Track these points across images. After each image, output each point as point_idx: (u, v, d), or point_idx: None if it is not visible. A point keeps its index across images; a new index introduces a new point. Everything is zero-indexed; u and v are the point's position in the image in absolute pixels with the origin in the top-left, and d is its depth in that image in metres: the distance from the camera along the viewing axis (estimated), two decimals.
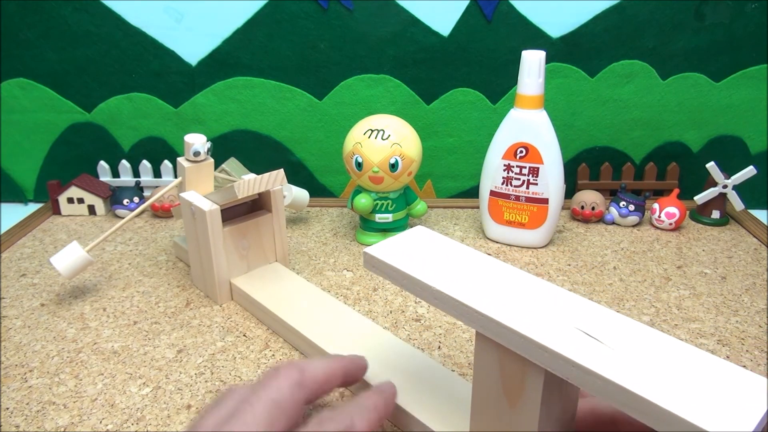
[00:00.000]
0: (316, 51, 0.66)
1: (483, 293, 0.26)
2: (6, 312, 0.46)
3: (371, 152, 0.52)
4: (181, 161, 0.48)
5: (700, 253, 0.56)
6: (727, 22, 0.63)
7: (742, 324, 0.45)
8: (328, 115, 0.68)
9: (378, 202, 0.56)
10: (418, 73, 0.66)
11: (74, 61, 0.66)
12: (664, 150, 0.69)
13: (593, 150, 0.70)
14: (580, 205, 0.62)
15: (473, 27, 0.64)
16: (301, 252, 0.56)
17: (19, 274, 0.52)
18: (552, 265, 0.54)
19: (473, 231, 0.62)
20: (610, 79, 0.66)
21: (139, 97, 0.68)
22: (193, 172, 0.48)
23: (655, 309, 0.47)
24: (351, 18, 0.64)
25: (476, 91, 0.67)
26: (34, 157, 0.71)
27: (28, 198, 0.73)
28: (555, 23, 0.64)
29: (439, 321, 0.45)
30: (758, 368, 0.39)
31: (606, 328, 0.24)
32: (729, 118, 0.67)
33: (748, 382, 0.20)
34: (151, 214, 0.65)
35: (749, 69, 0.65)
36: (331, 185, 0.72)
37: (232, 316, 0.46)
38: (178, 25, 0.65)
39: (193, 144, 0.47)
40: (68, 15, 0.64)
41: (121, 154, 0.71)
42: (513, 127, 0.54)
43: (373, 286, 0.50)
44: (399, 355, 0.37)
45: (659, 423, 0.20)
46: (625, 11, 0.63)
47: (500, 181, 0.56)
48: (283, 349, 0.41)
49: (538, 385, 0.24)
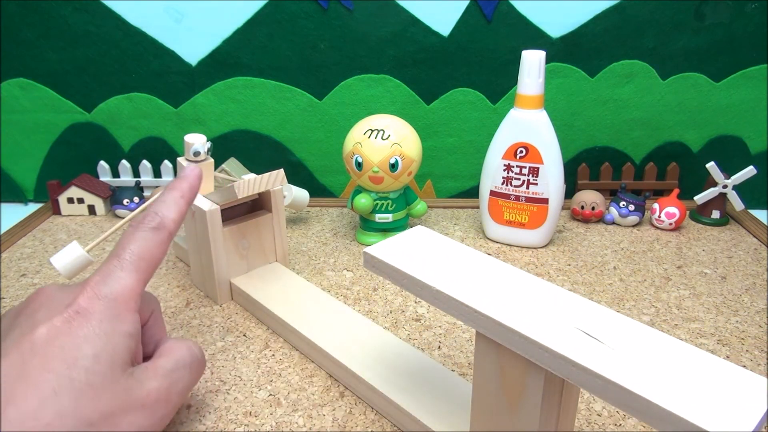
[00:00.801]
0: (316, 51, 0.66)
1: (483, 293, 0.26)
2: (6, 312, 0.46)
3: (371, 152, 0.52)
4: (181, 161, 0.48)
5: (700, 253, 0.56)
6: (727, 22, 0.63)
7: (742, 324, 0.45)
8: (328, 115, 0.68)
9: (378, 202, 0.56)
10: (418, 73, 0.66)
11: (74, 61, 0.66)
12: (664, 150, 0.69)
13: (593, 150, 0.70)
14: (580, 205, 0.62)
15: (473, 27, 0.64)
16: (301, 252, 0.57)
17: (19, 274, 0.52)
18: (552, 265, 0.54)
19: (473, 231, 0.62)
20: (610, 79, 0.66)
21: (139, 97, 0.68)
22: None
23: (655, 309, 0.47)
24: (351, 18, 0.64)
25: (476, 91, 0.67)
26: (34, 157, 0.71)
27: (28, 198, 0.73)
28: (555, 23, 0.64)
29: (439, 321, 0.45)
30: (758, 368, 0.40)
31: (606, 328, 0.24)
32: (729, 118, 0.67)
33: (748, 382, 0.20)
34: None
35: (749, 69, 0.65)
36: (331, 185, 0.73)
37: (232, 316, 0.46)
38: (178, 25, 0.65)
39: (193, 144, 0.47)
40: (68, 15, 0.64)
41: (121, 154, 0.71)
42: (513, 127, 0.54)
43: (373, 286, 0.50)
44: (399, 355, 0.37)
45: (659, 423, 0.20)
46: (625, 11, 0.63)
47: (500, 181, 0.56)
48: (283, 349, 0.41)
49: (538, 385, 0.24)
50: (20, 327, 0.28)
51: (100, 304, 0.28)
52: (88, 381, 0.26)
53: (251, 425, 0.34)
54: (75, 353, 0.27)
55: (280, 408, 0.35)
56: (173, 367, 0.31)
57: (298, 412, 0.35)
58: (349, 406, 0.36)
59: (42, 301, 0.29)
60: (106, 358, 0.27)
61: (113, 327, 0.28)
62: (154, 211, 0.33)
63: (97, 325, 0.28)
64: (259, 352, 0.41)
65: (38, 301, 0.30)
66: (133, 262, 0.30)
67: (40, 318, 0.28)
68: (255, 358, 0.40)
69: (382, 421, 0.35)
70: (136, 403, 0.28)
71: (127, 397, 0.28)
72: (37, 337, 0.27)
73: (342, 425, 0.34)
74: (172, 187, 0.35)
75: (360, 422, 0.34)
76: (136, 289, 0.30)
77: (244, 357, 0.40)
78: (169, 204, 0.33)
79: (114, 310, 0.29)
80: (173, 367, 0.31)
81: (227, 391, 0.37)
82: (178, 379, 0.31)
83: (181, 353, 0.32)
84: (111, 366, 0.28)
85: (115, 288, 0.29)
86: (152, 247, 0.31)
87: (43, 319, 0.28)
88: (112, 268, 0.30)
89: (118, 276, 0.30)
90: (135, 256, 0.31)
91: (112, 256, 0.31)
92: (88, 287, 0.29)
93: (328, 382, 0.38)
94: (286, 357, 0.40)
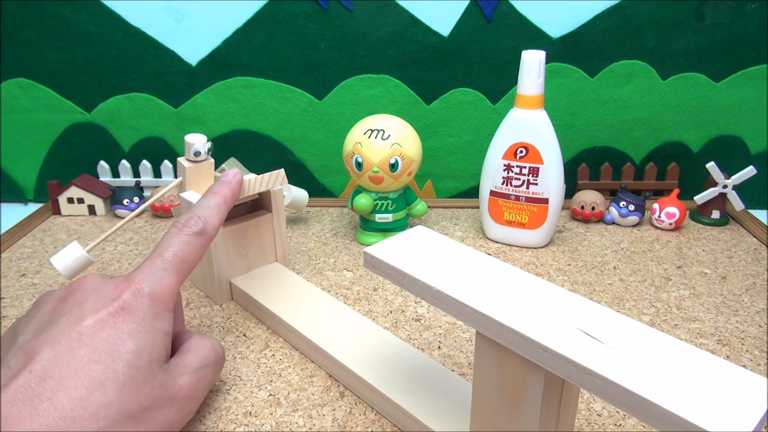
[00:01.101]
0: (316, 51, 0.66)
1: (483, 293, 0.26)
2: (6, 312, 0.46)
3: (371, 152, 0.52)
4: (181, 161, 0.48)
5: (700, 253, 0.56)
6: (727, 22, 0.63)
7: (742, 324, 0.45)
8: (328, 115, 0.68)
9: (378, 202, 0.56)
10: (418, 73, 0.66)
11: (74, 61, 0.66)
12: (664, 150, 0.69)
13: (593, 150, 0.70)
14: (580, 205, 0.62)
15: (473, 27, 0.64)
16: (301, 252, 0.57)
17: (19, 274, 0.52)
18: (552, 265, 0.54)
19: (473, 231, 0.62)
20: (610, 79, 0.66)
21: (139, 97, 0.68)
22: (194, 172, 0.48)
23: (655, 309, 0.47)
24: (351, 18, 0.64)
25: (476, 91, 0.67)
26: (34, 157, 0.71)
27: (28, 198, 0.73)
28: (555, 23, 0.64)
29: (439, 321, 0.45)
30: (758, 368, 0.40)
31: (606, 328, 0.24)
32: (729, 118, 0.67)
33: (748, 382, 0.20)
34: (151, 214, 0.65)
35: (749, 69, 0.65)
36: (331, 185, 0.72)
37: (232, 316, 0.46)
38: (178, 25, 0.65)
39: (194, 144, 0.47)
40: (68, 15, 0.64)
41: (121, 154, 0.71)
42: (513, 127, 0.54)
43: (373, 286, 0.50)
44: (399, 355, 0.37)
45: (659, 423, 0.20)
46: (625, 11, 0.63)
47: (500, 181, 0.56)
48: (283, 349, 0.41)
49: (538, 385, 0.24)
50: (67, 316, 0.29)
51: (143, 301, 0.30)
52: (131, 375, 0.28)
53: (251, 425, 0.34)
54: (119, 347, 0.28)
55: (280, 408, 0.35)
56: (200, 365, 0.32)
57: (298, 412, 0.35)
58: (349, 406, 0.36)
59: (88, 291, 0.31)
60: (146, 354, 0.29)
61: (153, 324, 0.30)
62: (197, 216, 0.35)
63: (139, 322, 0.29)
64: (259, 352, 0.41)
65: (84, 291, 0.31)
66: (174, 264, 0.32)
67: (87, 309, 0.29)
68: (255, 358, 0.40)
69: (382, 421, 0.35)
70: (169, 398, 0.30)
71: (163, 391, 0.29)
72: (85, 327, 0.28)
73: (342, 425, 0.34)
74: (215, 191, 0.37)
75: (360, 422, 0.34)
76: (175, 289, 0.32)
77: (244, 357, 0.40)
78: (212, 209, 0.36)
79: (155, 308, 0.30)
80: (200, 364, 0.33)
81: (227, 391, 0.37)
82: (203, 376, 0.33)
83: (206, 351, 0.33)
84: (150, 362, 0.29)
85: (156, 287, 0.31)
86: (192, 251, 0.33)
87: (91, 311, 0.29)
88: (156, 267, 0.31)
89: (160, 275, 0.31)
90: (177, 257, 0.32)
91: (155, 255, 0.32)
92: (133, 283, 0.30)
93: (328, 382, 0.38)
94: (286, 357, 0.40)
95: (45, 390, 0.26)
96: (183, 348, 0.33)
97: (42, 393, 0.26)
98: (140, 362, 0.28)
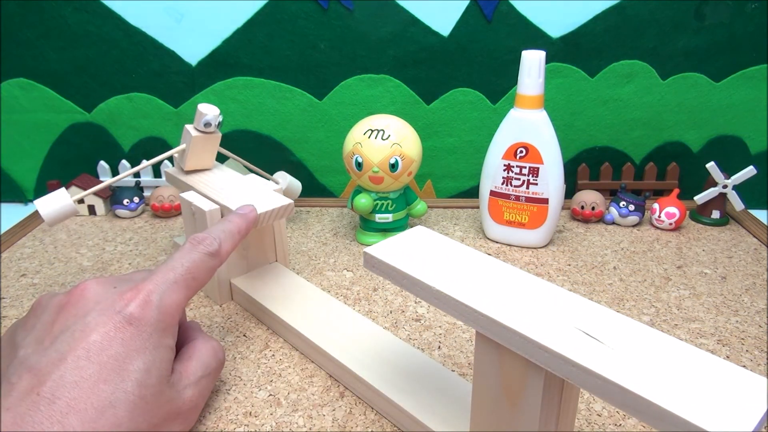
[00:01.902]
0: (316, 51, 0.66)
1: (483, 293, 0.26)
2: (6, 312, 0.46)
3: (371, 152, 0.52)
4: (188, 128, 0.47)
5: (700, 253, 0.56)
6: (727, 22, 0.63)
7: (742, 324, 0.45)
8: (328, 115, 0.68)
9: (378, 202, 0.56)
10: (418, 73, 0.66)
11: (74, 61, 0.66)
12: (664, 150, 0.69)
13: (593, 150, 0.70)
14: (580, 205, 0.62)
15: (473, 27, 0.64)
16: (301, 252, 0.57)
17: (19, 274, 0.52)
18: (552, 265, 0.54)
19: (473, 231, 0.62)
20: (610, 79, 0.66)
21: (139, 97, 0.68)
22: (199, 142, 0.47)
23: (655, 309, 0.47)
24: (351, 18, 0.64)
25: (476, 91, 0.67)
26: (34, 157, 0.71)
27: (28, 198, 0.73)
28: (555, 23, 0.64)
29: (439, 321, 0.45)
30: (758, 368, 0.40)
31: (606, 328, 0.24)
32: (729, 118, 0.67)
33: (748, 382, 0.20)
34: (151, 214, 0.65)
35: (749, 69, 0.65)
36: (331, 185, 0.72)
37: (232, 316, 0.46)
38: (178, 25, 0.65)
39: (206, 114, 0.45)
40: (68, 15, 0.64)
41: (121, 154, 0.71)
42: (513, 127, 0.54)
43: (373, 286, 0.50)
44: (399, 355, 0.37)
45: (659, 423, 0.20)
46: (625, 11, 0.63)
47: (500, 181, 0.56)
48: (283, 349, 0.41)
49: (538, 385, 0.24)
50: (71, 329, 0.28)
51: (152, 314, 0.29)
52: (141, 394, 0.28)
53: (251, 425, 0.34)
54: (128, 365, 0.28)
55: (280, 408, 0.35)
56: (203, 374, 0.33)
57: (298, 412, 0.35)
58: (349, 406, 0.36)
59: (90, 302, 0.30)
60: (155, 371, 0.29)
61: (160, 341, 0.30)
62: (213, 237, 0.35)
63: (147, 338, 0.29)
64: (259, 353, 0.41)
65: (86, 301, 0.30)
66: (186, 279, 0.32)
67: (92, 322, 0.28)
68: (255, 358, 0.40)
69: (382, 421, 0.35)
70: (176, 412, 0.30)
71: (170, 407, 0.30)
72: (92, 343, 0.28)
73: (342, 425, 0.34)
74: (234, 221, 0.38)
75: (360, 422, 0.34)
76: (183, 304, 0.31)
77: (244, 357, 0.40)
78: (227, 235, 0.36)
79: (163, 323, 0.30)
80: (203, 373, 0.33)
81: (227, 392, 0.37)
82: (205, 385, 0.33)
83: (208, 358, 0.33)
84: (159, 379, 0.29)
85: (166, 300, 0.30)
86: (204, 270, 0.33)
87: (95, 325, 0.28)
88: (167, 279, 0.31)
89: (171, 288, 0.31)
90: (189, 273, 0.32)
91: (167, 268, 0.32)
92: (142, 294, 0.30)
93: (328, 382, 0.38)
94: (286, 357, 0.40)
95: (55, 413, 0.25)
96: (185, 352, 0.33)
97: (52, 416, 0.25)
98: (149, 380, 0.28)
